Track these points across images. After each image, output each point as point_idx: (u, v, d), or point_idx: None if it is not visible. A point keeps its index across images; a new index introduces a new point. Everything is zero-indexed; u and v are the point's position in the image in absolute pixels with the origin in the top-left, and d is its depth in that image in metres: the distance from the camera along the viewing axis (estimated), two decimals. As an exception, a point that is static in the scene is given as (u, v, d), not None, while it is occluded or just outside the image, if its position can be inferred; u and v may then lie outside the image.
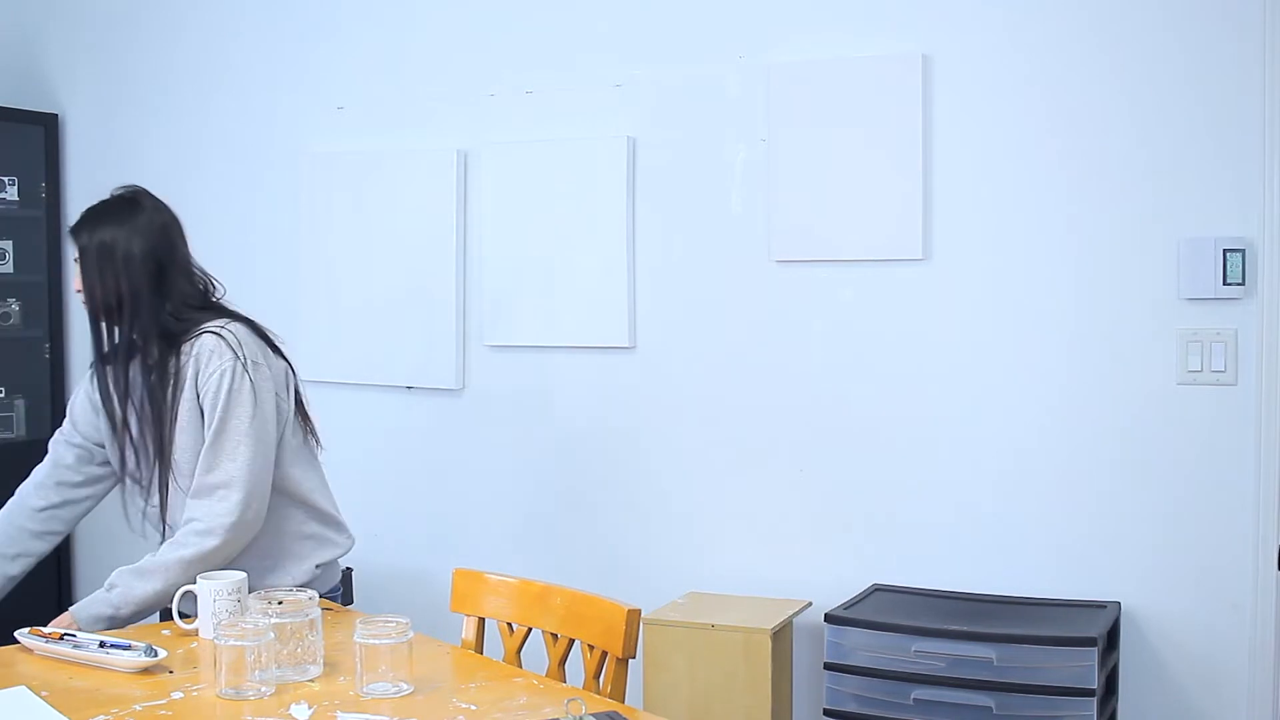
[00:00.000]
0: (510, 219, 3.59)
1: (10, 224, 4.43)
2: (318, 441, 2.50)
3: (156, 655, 1.97)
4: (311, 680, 1.91)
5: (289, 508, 2.41)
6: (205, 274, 2.46)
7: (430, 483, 3.76)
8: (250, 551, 2.34)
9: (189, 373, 2.32)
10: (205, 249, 2.51)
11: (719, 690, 2.96)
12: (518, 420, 3.63)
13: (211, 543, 2.24)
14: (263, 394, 2.31)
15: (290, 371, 2.45)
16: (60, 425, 2.53)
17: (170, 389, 2.32)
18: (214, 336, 2.31)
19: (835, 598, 3.00)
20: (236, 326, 2.35)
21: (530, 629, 2.27)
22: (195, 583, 2.16)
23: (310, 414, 2.49)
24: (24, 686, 1.87)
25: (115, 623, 2.24)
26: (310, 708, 1.78)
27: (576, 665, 2.15)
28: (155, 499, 2.38)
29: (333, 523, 2.48)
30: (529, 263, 3.56)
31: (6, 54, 4.57)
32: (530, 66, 3.58)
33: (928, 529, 3.11)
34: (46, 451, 2.53)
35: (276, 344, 2.45)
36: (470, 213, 3.68)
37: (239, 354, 2.30)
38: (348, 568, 2.85)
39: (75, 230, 2.39)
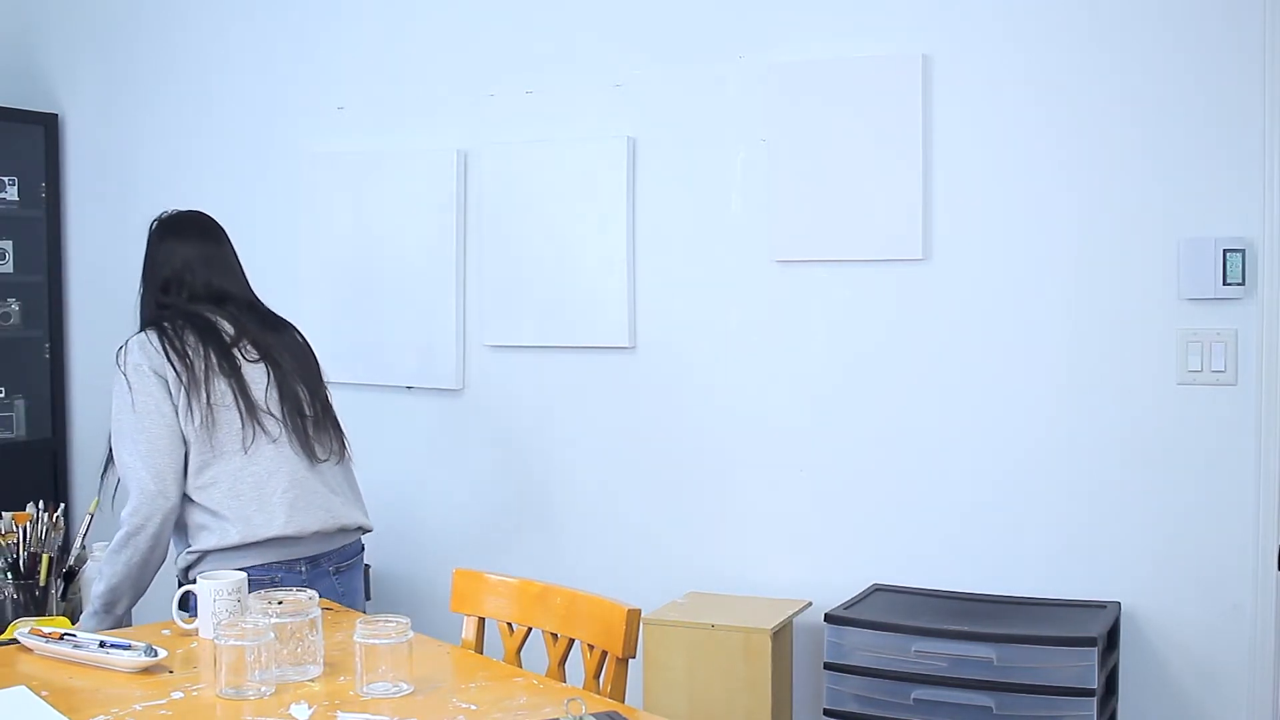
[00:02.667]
0: (510, 219, 3.59)
1: (10, 224, 4.43)
2: (244, 447, 2.52)
3: (156, 655, 1.97)
4: (311, 680, 1.91)
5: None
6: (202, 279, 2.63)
7: (430, 482, 3.76)
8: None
9: None
10: (205, 249, 2.52)
11: (719, 690, 2.96)
12: (518, 420, 3.63)
13: (120, 532, 2.41)
14: (139, 391, 2.44)
15: (189, 379, 2.48)
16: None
17: None
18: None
19: (835, 598, 3.00)
20: (135, 337, 2.52)
21: (530, 629, 2.27)
22: (126, 570, 2.36)
23: (251, 421, 2.54)
24: (24, 686, 1.87)
25: (108, 622, 2.41)
26: (310, 708, 1.78)
27: (576, 665, 2.16)
28: None
29: (215, 515, 2.47)
30: (529, 263, 3.56)
31: (6, 54, 4.57)
32: (530, 66, 3.58)
33: (928, 529, 3.10)
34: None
35: (233, 351, 2.55)
36: (470, 213, 3.68)
37: (119, 359, 2.49)
38: (366, 564, 2.85)
39: None
